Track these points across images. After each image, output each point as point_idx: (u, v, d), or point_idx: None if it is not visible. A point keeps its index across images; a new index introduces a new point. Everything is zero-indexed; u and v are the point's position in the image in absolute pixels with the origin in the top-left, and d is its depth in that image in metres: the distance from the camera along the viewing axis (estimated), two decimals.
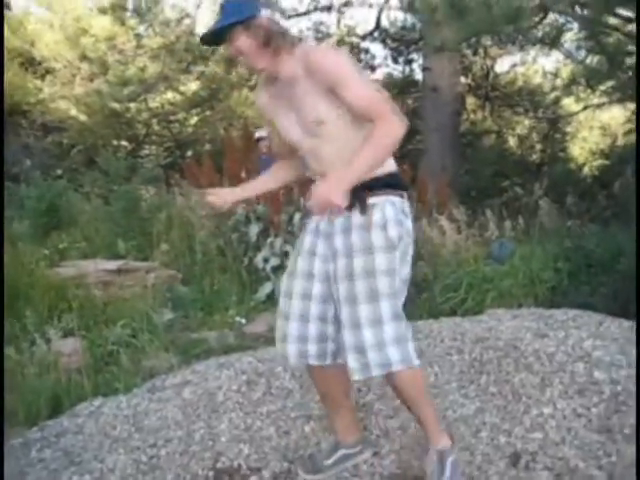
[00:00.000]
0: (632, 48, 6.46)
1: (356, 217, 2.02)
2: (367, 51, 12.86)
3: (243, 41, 2.01)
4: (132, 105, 11.97)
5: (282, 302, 2.19)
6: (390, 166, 2.07)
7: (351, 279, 2.00)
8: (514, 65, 13.47)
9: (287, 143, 2.18)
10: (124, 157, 9.43)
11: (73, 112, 11.60)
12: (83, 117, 11.52)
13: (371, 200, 2.02)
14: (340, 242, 2.04)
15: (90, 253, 5.76)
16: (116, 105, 11.41)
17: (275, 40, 2.02)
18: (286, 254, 5.07)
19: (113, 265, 4.97)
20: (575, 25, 6.97)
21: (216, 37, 2.04)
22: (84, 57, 11.19)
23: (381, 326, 1.99)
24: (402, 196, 2.09)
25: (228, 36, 2.02)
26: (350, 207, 1.97)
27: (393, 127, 1.91)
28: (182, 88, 12.78)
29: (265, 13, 2.04)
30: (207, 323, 4.62)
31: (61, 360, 3.53)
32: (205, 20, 11.38)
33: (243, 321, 4.60)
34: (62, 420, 2.94)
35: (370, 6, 11.88)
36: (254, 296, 5.11)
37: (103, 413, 2.95)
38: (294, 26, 12.58)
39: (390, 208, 2.03)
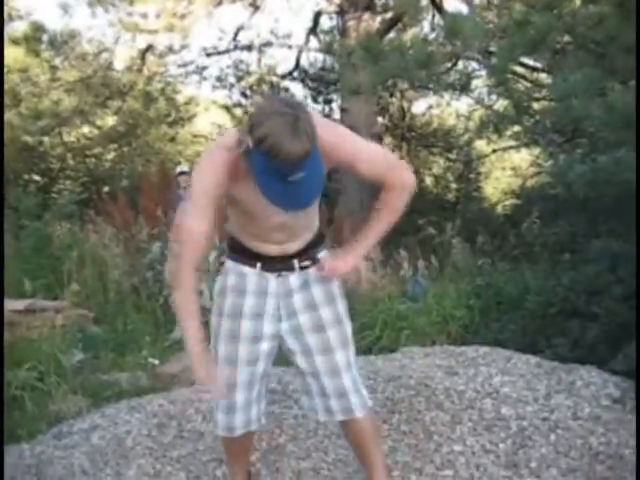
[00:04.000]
0: (538, 95, 6.80)
1: (312, 273, 2.07)
2: (287, 90, 13.04)
3: None
4: (46, 139, 11.65)
5: (224, 370, 2.05)
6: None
7: (322, 330, 2.06)
8: (430, 107, 13.95)
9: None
10: (34, 192, 9.14)
11: None
12: None
13: (320, 255, 2.09)
14: (300, 299, 2.07)
15: None
16: (28, 138, 11.07)
17: None
18: (201, 293, 4.99)
19: (20, 305, 4.76)
20: (485, 72, 7.30)
21: None
22: None
23: (352, 370, 2.10)
24: None
25: None
26: (305, 266, 2.06)
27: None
28: (99, 122, 12.55)
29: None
30: (119, 364, 4.49)
31: None
32: (123, 54, 11.26)
33: (156, 362, 4.49)
34: None
35: (290, 47, 12.09)
36: (169, 336, 5.01)
37: (3, 463, 2.80)
38: (214, 64, 12.64)
39: (332, 258, 2.11)
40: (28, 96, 10.80)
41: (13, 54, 10.59)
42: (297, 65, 12.16)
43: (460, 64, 7.73)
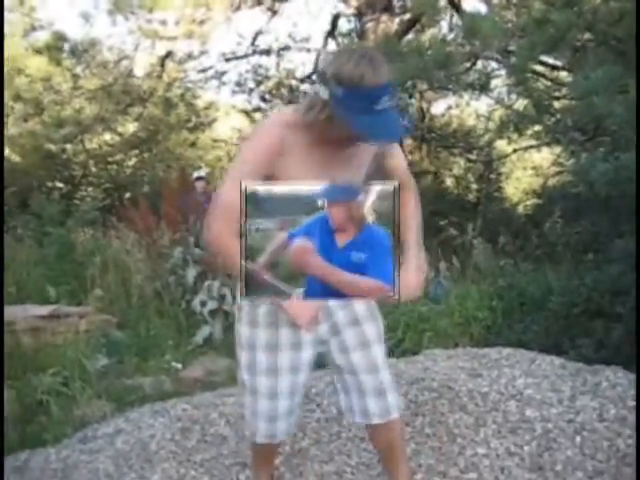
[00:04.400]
0: (558, 93, 6.75)
1: None
2: (305, 93, 13.04)
3: None
4: (68, 146, 11.78)
5: (264, 380, 2.03)
6: None
7: (358, 324, 2.03)
8: (449, 107, 13.86)
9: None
10: (58, 200, 9.24)
11: (6, 153, 11.35)
12: (16, 158, 11.28)
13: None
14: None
15: (20, 298, 5.58)
16: (51, 146, 11.21)
17: None
18: (223, 297, 5.02)
19: (44, 310, 4.81)
20: (504, 71, 7.26)
21: None
22: (18, 97, 10.99)
23: (387, 368, 2.08)
24: None
25: None
26: None
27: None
28: (120, 129, 12.67)
29: None
30: (142, 369, 4.51)
31: None
32: (143, 61, 11.36)
33: (179, 366, 4.52)
34: None
35: (308, 50, 12.10)
36: (191, 340, 5.03)
37: (30, 467, 2.83)
38: (233, 69, 12.69)
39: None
40: (51, 104, 10.94)
41: (36, 63, 10.75)
42: (316, 68, 12.16)
43: (479, 64, 7.70)
